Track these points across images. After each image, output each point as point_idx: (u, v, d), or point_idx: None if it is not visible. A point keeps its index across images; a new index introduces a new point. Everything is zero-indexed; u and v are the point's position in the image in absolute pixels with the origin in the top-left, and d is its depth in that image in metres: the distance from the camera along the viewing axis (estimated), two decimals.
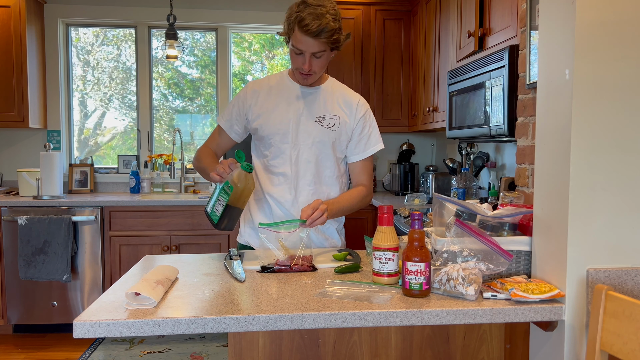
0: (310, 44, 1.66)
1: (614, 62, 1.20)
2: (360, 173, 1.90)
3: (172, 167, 4.00)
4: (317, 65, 1.73)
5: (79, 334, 1.08)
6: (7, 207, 3.38)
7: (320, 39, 1.64)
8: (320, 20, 1.62)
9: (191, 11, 4.13)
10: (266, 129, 1.82)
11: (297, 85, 1.84)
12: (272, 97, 1.84)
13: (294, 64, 1.75)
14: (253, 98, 1.85)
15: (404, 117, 3.97)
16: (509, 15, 2.21)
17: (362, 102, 1.88)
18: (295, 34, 1.67)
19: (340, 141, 1.85)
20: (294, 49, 1.71)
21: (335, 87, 1.89)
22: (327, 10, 1.64)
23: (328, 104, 1.84)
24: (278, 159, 1.83)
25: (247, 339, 1.35)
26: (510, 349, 1.44)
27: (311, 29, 1.62)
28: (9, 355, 3.17)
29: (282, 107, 1.82)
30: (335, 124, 1.83)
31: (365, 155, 1.88)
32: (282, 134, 1.81)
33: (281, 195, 1.82)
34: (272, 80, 1.88)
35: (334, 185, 1.87)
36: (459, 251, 1.30)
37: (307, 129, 1.81)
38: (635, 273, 1.22)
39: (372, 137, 1.89)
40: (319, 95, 1.84)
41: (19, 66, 3.68)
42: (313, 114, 1.82)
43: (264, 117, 1.82)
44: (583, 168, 1.20)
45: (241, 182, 1.55)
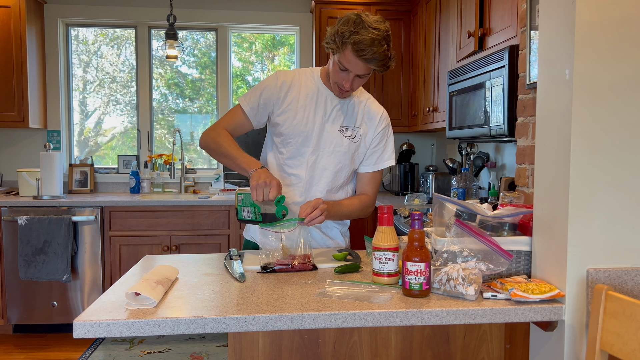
0: (360, 67, 1.63)
1: (614, 62, 1.20)
2: (367, 184, 1.88)
3: (172, 167, 4.00)
4: (357, 84, 1.72)
5: (79, 334, 1.08)
6: (7, 207, 3.38)
7: (371, 64, 1.62)
8: (377, 47, 1.57)
9: (191, 11, 4.13)
10: (289, 128, 1.79)
11: (327, 91, 1.80)
12: (301, 97, 1.79)
13: (335, 77, 1.71)
14: (282, 91, 1.79)
15: (404, 117, 3.97)
16: (509, 15, 2.21)
17: (384, 116, 1.86)
18: (346, 53, 1.62)
19: (358, 153, 1.84)
20: (339, 65, 1.66)
21: (362, 97, 1.86)
22: (383, 35, 1.59)
23: (354, 114, 1.82)
24: (295, 160, 1.80)
25: (247, 339, 1.35)
26: (510, 349, 1.44)
27: (366, 56, 1.58)
28: (9, 355, 3.17)
29: (309, 110, 1.79)
30: (356, 136, 1.82)
31: (376, 168, 1.87)
32: (304, 137, 1.78)
33: (291, 196, 1.80)
34: (303, 78, 1.82)
35: (344, 194, 1.87)
36: (459, 251, 1.30)
37: (330, 137, 1.79)
38: (635, 273, 1.22)
39: (387, 152, 1.87)
40: (347, 104, 1.82)
41: (19, 66, 3.68)
42: (337, 123, 1.80)
43: (289, 116, 1.78)
44: (583, 168, 1.20)
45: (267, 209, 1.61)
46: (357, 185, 1.91)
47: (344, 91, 1.73)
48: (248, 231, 1.95)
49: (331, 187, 1.82)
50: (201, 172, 4.25)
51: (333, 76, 1.72)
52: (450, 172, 3.26)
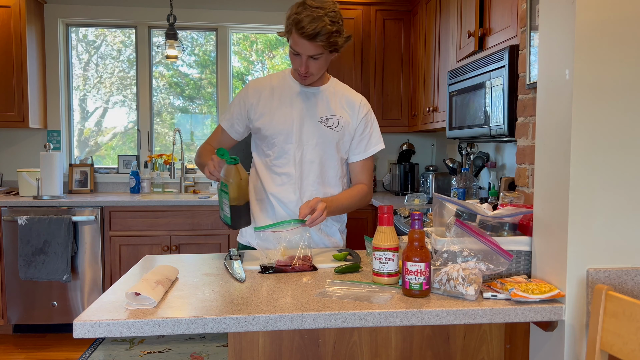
0: (307, 47, 1.66)
1: (614, 62, 1.20)
2: (361, 172, 1.91)
3: (172, 167, 4.00)
4: (315, 67, 1.72)
5: (79, 334, 1.08)
6: (7, 207, 3.38)
7: (315, 42, 1.63)
8: (317, 23, 1.60)
9: (191, 11, 4.13)
10: (269, 128, 1.81)
11: (299, 85, 1.83)
12: (275, 97, 1.83)
13: (293, 64, 1.76)
14: (255, 97, 1.84)
15: (404, 117, 3.97)
16: (509, 15, 2.21)
17: (364, 102, 1.89)
18: (292, 35, 1.66)
19: (343, 142, 1.85)
20: (292, 50, 1.71)
21: (337, 87, 1.88)
22: (326, 12, 1.63)
23: (331, 104, 1.84)
24: (282, 159, 1.82)
25: (247, 339, 1.35)
26: (510, 349, 1.44)
27: (307, 32, 1.61)
28: (9, 355, 3.17)
29: (285, 107, 1.82)
30: (338, 125, 1.83)
31: (366, 155, 1.89)
32: (286, 134, 1.80)
33: (285, 195, 1.81)
34: (274, 80, 1.87)
35: (336, 186, 1.88)
36: (459, 251, 1.30)
37: (311, 130, 1.81)
38: (635, 273, 1.22)
39: (373, 138, 1.90)
40: (322, 96, 1.84)
41: (19, 66, 3.68)
42: (316, 114, 1.82)
43: (267, 117, 1.81)
44: (583, 168, 1.20)
45: (232, 176, 1.57)
46: (352, 175, 1.93)
47: (303, 76, 1.75)
48: (244, 236, 1.94)
49: (322, 180, 1.84)
50: (201, 172, 4.24)
51: (292, 64, 1.77)
52: (450, 172, 3.26)
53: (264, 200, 1.87)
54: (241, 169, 1.58)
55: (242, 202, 1.61)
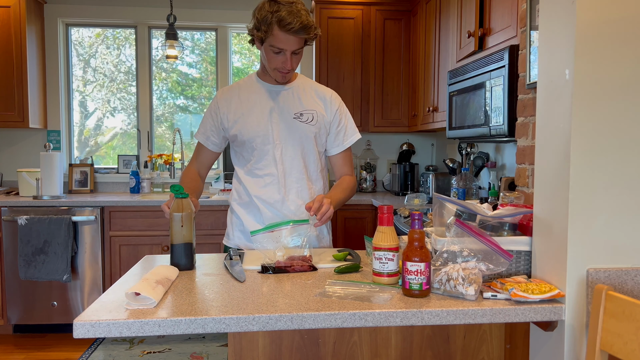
0: (292, 42, 1.69)
1: (614, 62, 1.20)
2: (343, 165, 1.95)
3: (172, 167, 4.00)
4: (296, 62, 1.77)
5: (79, 334, 1.08)
6: (7, 207, 3.38)
7: (300, 35, 1.68)
8: (299, 17, 1.65)
9: (191, 11, 4.13)
10: (245, 133, 1.82)
11: (267, 85, 1.86)
12: (245, 101, 1.85)
13: (273, 64, 1.76)
14: (225, 105, 1.86)
15: (404, 117, 3.97)
16: (509, 15, 2.21)
17: (334, 95, 1.93)
18: (275, 33, 1.67)
19: (320, 135, 1.88)
20: (272, 49, 1.71)
21: (305, 82, 1.92)
22: (301, 7, 1.68)
23: (303, 99, 1.86)
24: (263, 161, 1.83)
25: (247, 339, 1.35)
26: (510, 349, 1.44)
27: (294, 27, 1.65)
28: (9, 355, 3.17)
29: (257, 109, 1.83)
30: (313, 119, 1.86)
31: (344, 147, 1.93)
32: (263, 136, 1.82)
33: (270, 196, 1.83)
34: (241, 85, 1.89)
35: (318, 180, 1.91)
36: (459, 251, 1.30)
37: (287, 127, 1.83)
38: (635, 273, 1.22)
39: (349, 129, 1.93)
40: (292, 92, 1.87)
41: (19, 66, 3.68)
42: (290, 111, 1.84)
43: (241, 122, 1.83)
44: (583, 168, 1.20)
45: (176, 210, 1.50)
46: (334, 168, 1.96)
47: (285, 73, 1.78)
48: (232, 239, 1.92)
49: (305, 175, 1.86)
50: None
51: (270, 64, 1.77)
52: (450, 172, 3.26)
53: (249, 203, 1.87)
54: (187, 205, 1.51)
55: (180, 242, 1.52)
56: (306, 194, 1.86)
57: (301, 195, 1.85)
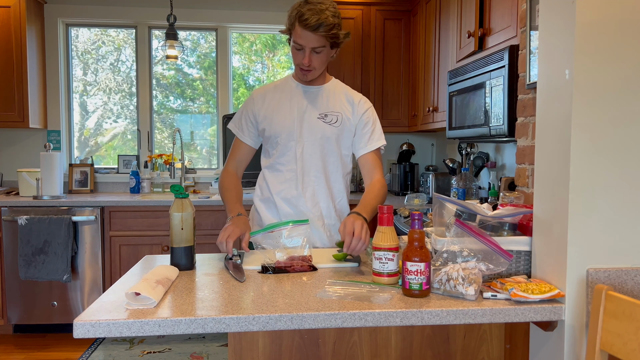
0: (310, 39, 1.72)
1: (614, 62, 1.20)
2: (373, 167, 1.90)
3: (172, 167, 4.00)
4: (317, 61, 1.78)
5: (79, 334, 1.08)
6: (7, 207, 3.38)
7: (318, 32, 1.70)
8: (319, 15, 1.68)
9: (191, 11, 4.13)
10: (272, 128, 1.87)
11: (300, 85, 1.90)
12: (276, 98, 1.90)
13: (295, 59, 1.81)
14: (259, 101, 1.91)
15: (404, 117, 3.97)
16: (509, 15, 2.21)
17: (364, 100, 1.94)
18: (295, 29, 1.73)
19: (343, 137, 1.89)
20: (295, 45, 1.76)
21: (338, 86, 1.94)
22: (327, 7, 1.71)
23: (330, 101, 1.89)
24: (284, 156, 1.88)
25: (247, 339, 1.35)
26: (510, 349, 1.44)
27: (310, 23, 1.68)
28: (9, 355, 3.17)
29: (285, 105, 1.88)
30: (337, 120, 1.87)
31: (370, 148, 1.90)
32: (288, 132, 1.86)
33: (288, 192, 1.87)
34: (277, 83, 1.95)
35: (337, 182, 1.92)
36: (459, 251, 1.30)
37: (311, 126, 1.86)
38: (635, 273, 1.22)
39: (376, 133, 1.93)
40: (322, 93, 1.90)
41: (19, 66, 3.68)
42: (316, 110, 1.87)
43: (270, 118, 1.88)
44: (583, 168, 1.20)
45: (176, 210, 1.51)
46: (363, 172, 1.93)
47: (305, 71, 1.80)
48: None
49: (323, 175, 1.88)
50: (201, 172, 4.25)
51: (294, 60, 1.82)
52: (450, 172, 3.25)
53: (268, 199, 1.92)
54: (187, 206, 1.51)
55: (180, 242, 1.52)
56: (323, 193, 1.89)
57: (317, 194, 1.88)
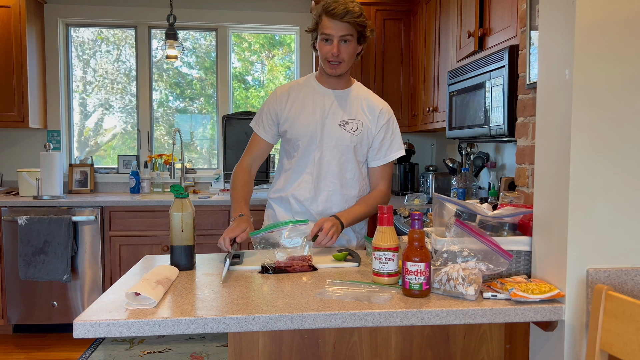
0: (338, 27, 1.75)
1: (614, 62, 1.20)
2: (380, 178, 1.95)
3: (172, 167, 4.00)
4: (345, 53, 1.80)
5: (79, 334, 1.08)
6: (7, 207, 3.38)
7: (346, 20, 1.73)
8: (346, 4, 1.73)
9: (191, 11, 4.13)
10: (294, 132, 1.89)
11: (323, 89, 1.91)
12: (299, 100, 1.91)
13: (323, 53, 1.82)
14: (283, 101, 1.92)
15: (404, 117, 3.97)
16: (509, 15, 2.21)
17: (385, 109, 1.94)
18: (323, 21, 1.76)
19: (361, 145, 1.90)
20: (323, 36, 1.78)
21: (361, 91, 1.95)
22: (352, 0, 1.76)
23: (352, 108, 1.90)
24: (304, 159, 1.90)
25: (247, 339, 1.35)
26: (510, 349, 1.44)
27: (337, 12, 1.72)
28: (9, 355, 3.17)
29: (308, 110, 1.89)
30: (358, 129, 1.89)
31: (385, 161, 1.94)
32: (310, 137, 1.88)
33: (302, 193, 1.90)
34: (300, 84, 1.95)
35: (353, 188, 1.93)
36: (459, 251, 1.30)
37: (331, 132, 1.87)
38: (635, 273, 1.22)
39: (394, 144, 1.94)
40: (345, 98, 1.91)
41: (19, 66, 3.68)
42: (337, 117, 1.88)
43: (292, 121, 1.89)
44: (583, 168, 1.20)
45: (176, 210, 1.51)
46: (370, 179, 1.97)
47: (334, 63, 1.82)
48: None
49: (340, 181, 1.90)
50: (201, 172, 4.25)
51: (321, 55, 1.83)
52: (450, 172, 3.25)
53: (284, 197, 1.94)
54: (187, 206, 1.52)
55: (180, 242, 1.52)
56: (337, 198, 1.91)
57: (331, 199, 1.90)
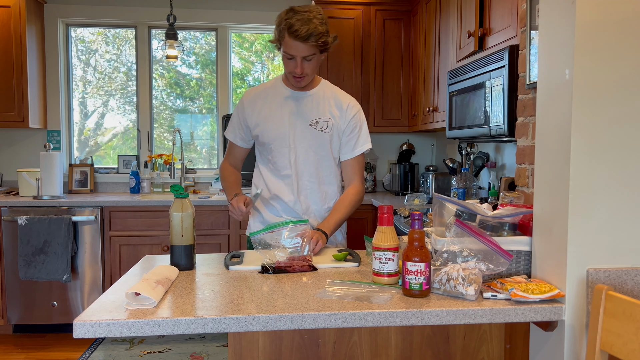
0: (301, 49, 1.74)
1: (614, 62, 1.20)
2: (352, 172, 1.98)
3: (172, 167, 4.00)
4: (309, 68, 1.81)
5: (79, 334, 1.08)
6: (7, 207, 3.38)
7: (309, 42, 1.72)
8: (309, 25, 1.70)
9: (191, 11, 4.13)
10: (266, 135, 1.91)
11: (290, 91, 1.92)
12: (267, 105, 1.93)
13: (287, 68, 1.83)
14: (250, 107, 1.94)
15: (404, 117, 3.97)
16: (509, 15, 2.21)
17: (352, 104, 1.95)
18: (285, 40, 1.75)
19: (333, 141, 1.93)
20: (285, 54, 1.78)
21: (327, 90, 1.96)
22: (314, 15, 1.73)
23: (320, 107, 1.91)
24: (280, 162, 1.92)
25: (247, 339, 1.35)
26: (510, 349, 1.44)
27: (300, 34, 1.70)
28: (9, 355, 3.17)
29: (277, 113, 1.91)
30: (327, 127, 1.91)
31: (354, 154, 1.96)
32: (281, 139, 1.90)
33: (285, 195, 1.93)
34: (267, 87, 1.96)
35: (332, 184, 1.97)
36: (459, 251, 1.30)
37: (302, 133, 1.90)
38: (635, 273, 1.22)
39: (361, 138, 1.96)
40: (312, 99, 1.92)
41: (19, 66, 3.68)
42: (307, 117, 1.90)
43: (262, 125, 1.91)
44: (583, 168, 1.20)
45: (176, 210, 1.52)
46: (343, 174, 2.01)
47: (298, 78, 1.83)
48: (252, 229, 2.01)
49: (318, 179, 1.93)
50: (201, 172, 4.25)
51: (286, 68, 1.84)
52: (450, 172, 3.25)
53: (269, 200, 1.96)
54: (187, 206, 1.52)
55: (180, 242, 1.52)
56: (317, 196, 1.95)
57: (312, 197, 1.94)
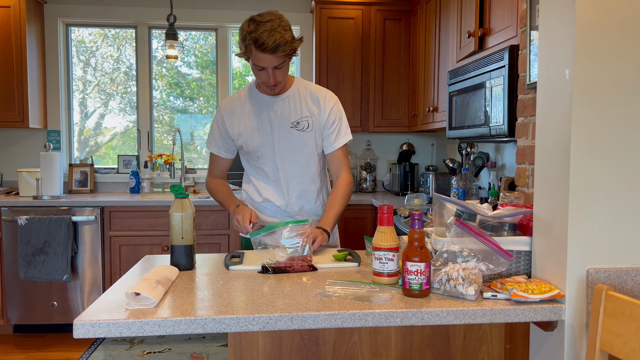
0: (270, 60, 1.72)
1: (614, 62, 1.20)
2: (339, 164, 1.98)
3: (172, 167, 4.00)
4: (281, 76, 1.80)
5: (79, 334, 1.08)
6: (7, 207, 3.38)
7: (277, 53, 1.70)
8: (274, 36, 1.67)
9: (191, 11, 4.13)
10: (250, 145, 1.92)
11: (263, 97, 1.92)
12: (246, 114, 1.92)
13: (259, 79, 1.82)
14: (229, 118, 1.94)
15: (404, 117, 3.97)
16: (509, 15, 2.21)
17: (329, 97, 1.95)
18: (253, 53, 1.72)
19: (316, 138, 1.94)
20: (255, 66, 1.76)
21: (300, 88, 1.95)
22: (278, 23, 1.69)
23: (298, 107, 1.92)
24: (267, 168, 1.94)
25: (247, 339, 1.35)
26: (510, 349, 1.44)
27: (268, 47, 1.68)
28: (9, 355, 3.17)
29: (257, 121, 1.91)
30: (309, 125, 1.92)
31: (337, 146, 1.96)
32: (265, 146, 1.91)
33: (276, 199, 1.96)
34: (242, 97, 1.95)
35: (321, 180, 2.01)
36: (459, 251, 1.30)
37: (287, 137, 1.90)
38: (635, 273, 1.22)
39: (342, 129, 1.97)
40: (289, 101, 1.92)
41: (19, 66, 3.68)
42: (287, 120, 1.91)
43: (245, 135, 1.92)
44: (583, 168, 1.20)
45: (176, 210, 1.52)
46: (330, 167, 2.01)
47: (272, 87, 1.82)
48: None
49: (305, 179, 1.95)
50: (201, 172, 4.25)
51: (257, 78, 1.83)
52: (450, 172, 3.25)
53: (262, 204, 1.98)
54: (187, 206, 1.52)
55: (180, 242, 1.53)
56: (309, 195, 1.97)
57: (304, 197, 1.97)
